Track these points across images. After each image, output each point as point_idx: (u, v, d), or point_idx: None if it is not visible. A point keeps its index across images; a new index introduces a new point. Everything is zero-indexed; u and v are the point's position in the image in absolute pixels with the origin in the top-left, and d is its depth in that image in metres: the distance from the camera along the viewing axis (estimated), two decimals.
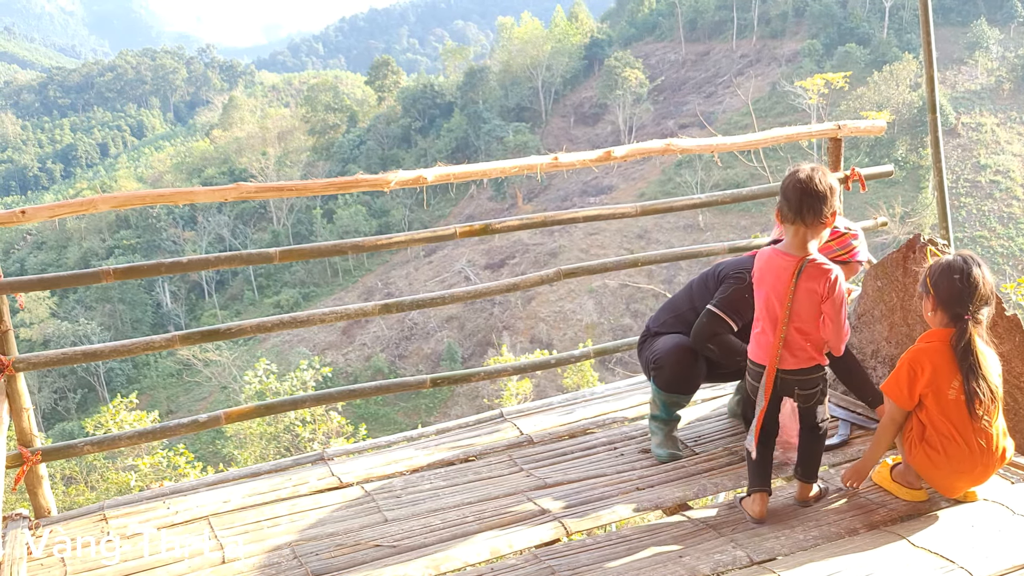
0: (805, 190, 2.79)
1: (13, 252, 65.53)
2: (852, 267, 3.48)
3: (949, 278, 2.81)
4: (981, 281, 2.77)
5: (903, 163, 47.78)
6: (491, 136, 65.17)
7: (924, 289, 2.90)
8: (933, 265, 2.90)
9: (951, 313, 2.82)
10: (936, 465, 2.85)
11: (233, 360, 39.11)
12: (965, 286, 2.78)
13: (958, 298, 2.79)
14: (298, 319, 4.03)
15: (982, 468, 2.84)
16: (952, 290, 2.79)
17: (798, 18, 68.07)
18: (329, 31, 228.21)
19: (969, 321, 2.78)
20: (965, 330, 2.78)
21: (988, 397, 2.77)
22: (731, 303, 3.32)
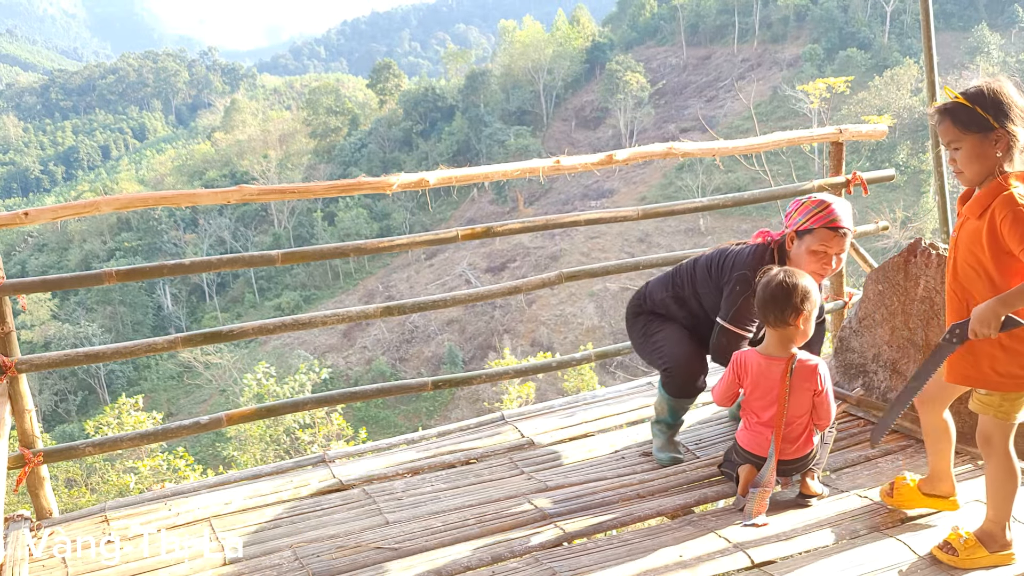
0: (788, 294, 2.89)
1: (14, 254, 65.56)
2: (831, 236, 3.17)
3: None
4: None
5: (904, 167, 47.77)
6: (492, 139, 65.19)
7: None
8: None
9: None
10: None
11: (234, 363, 39.13)
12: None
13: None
14: (299, 321, 4.04)
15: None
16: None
17: (799, 22, 68.15)
18: (331, 34, 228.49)
19: None
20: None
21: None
22: (742, 315, 3.29)
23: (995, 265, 2.42)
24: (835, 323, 4.84)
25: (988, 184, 2.46)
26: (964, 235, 2.52)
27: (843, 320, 4.40)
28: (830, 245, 3.15)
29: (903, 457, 3.39)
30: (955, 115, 2.44)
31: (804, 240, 3.19)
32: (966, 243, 2.50)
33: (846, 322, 4.02)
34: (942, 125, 2.48)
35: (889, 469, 3.29)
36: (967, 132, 2.44)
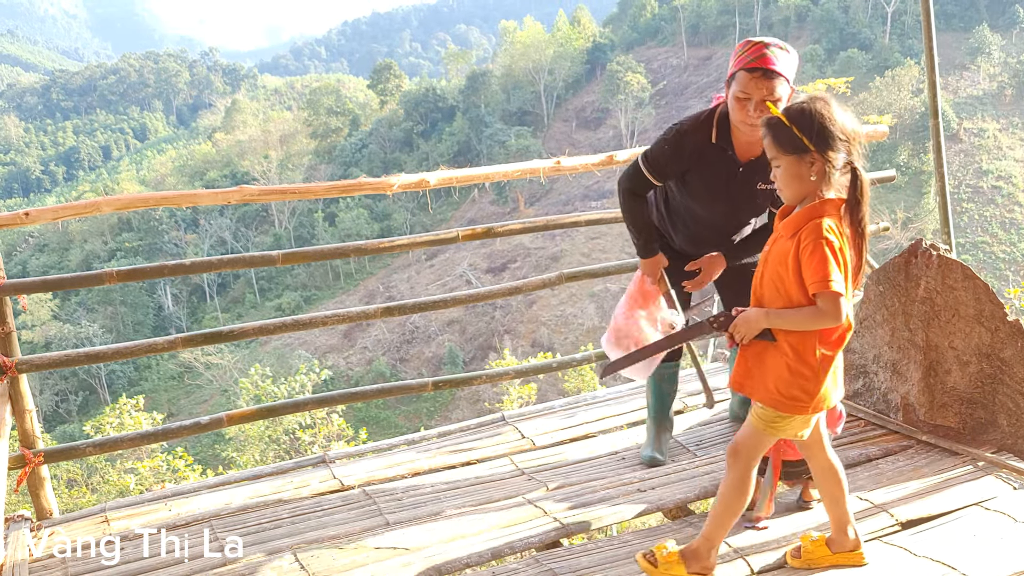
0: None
1: (15, 254, 65.61)
2: (747, 78, 2.92)
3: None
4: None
5: (905, 168, 47.76)
6: (493, 140, 65.21)
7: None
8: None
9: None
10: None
11: (234, 363, 39.15)
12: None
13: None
14: (300, 322, 4.04)
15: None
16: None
17: (800, 23, 68.14)
18: (331, 35, 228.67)
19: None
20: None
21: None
22: (655, 157, 3.18)
23: (797, 288, 2.40)
24: None
25: (805, 207, 2.43)
26: (774, 252, 2.48)
27: None
28: (748, 89, 2.90)
29: (903, 458, 3.39)
30: (776, 132, 2.41)
31: (731, 87, 2.99)
32: (774, 261, 2.47)
33: None
34: (765, 140, 2.45)
35: (890, 470, 3.29)
36: (784, 152, 2.40)
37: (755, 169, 3.06)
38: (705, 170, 3.14)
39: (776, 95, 2.90)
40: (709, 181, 3.16)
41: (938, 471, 3.24)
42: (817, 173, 2.39)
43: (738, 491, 2.55)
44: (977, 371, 3.40)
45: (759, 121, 2.81)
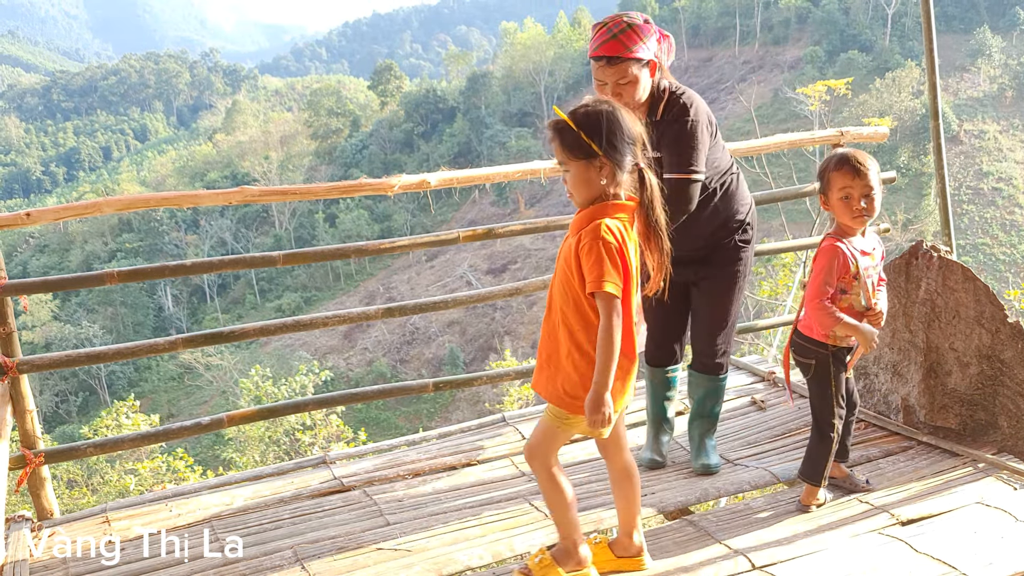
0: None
1: (16, 255, 65.64)
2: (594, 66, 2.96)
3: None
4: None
5: (905, 170, 47.78)
6: (493, 141, 65.26)
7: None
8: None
9: None
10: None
11: (235, 364, 39.13)
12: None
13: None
14: (300, 322, 4.04)
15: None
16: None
17: (800, 25, 68.18)
18: (332, 36, 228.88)
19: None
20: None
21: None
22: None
23: (582, 287, 2.39)
24: None
25: (589, 208, 2.43)
26: (563, 252, 2.48)
27: None
28: (600, 76, 3.00)
29: (904, 459, 3.39)
30: (563, 137, 2.39)
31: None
32: (563, 261, 2.47)
33: None
34: (552, 144, 2.42)
35: (890, 471, 3.29)
36: (573, 156, 2.40)
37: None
38: None
39: (628, 77, 2.92)
40: None
41: (938, 472, 3.24)
42: (606, 177, 2.39)
43: (553, 487, 2.55)
44: (978, 373, 3.40)
45: (619, 103, 2.83)
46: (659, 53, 3.02)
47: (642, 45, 2.92)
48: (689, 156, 3.01)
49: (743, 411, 4.05)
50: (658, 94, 3.07)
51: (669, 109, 3.06)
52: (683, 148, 3.02)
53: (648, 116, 3.05)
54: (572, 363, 2.45)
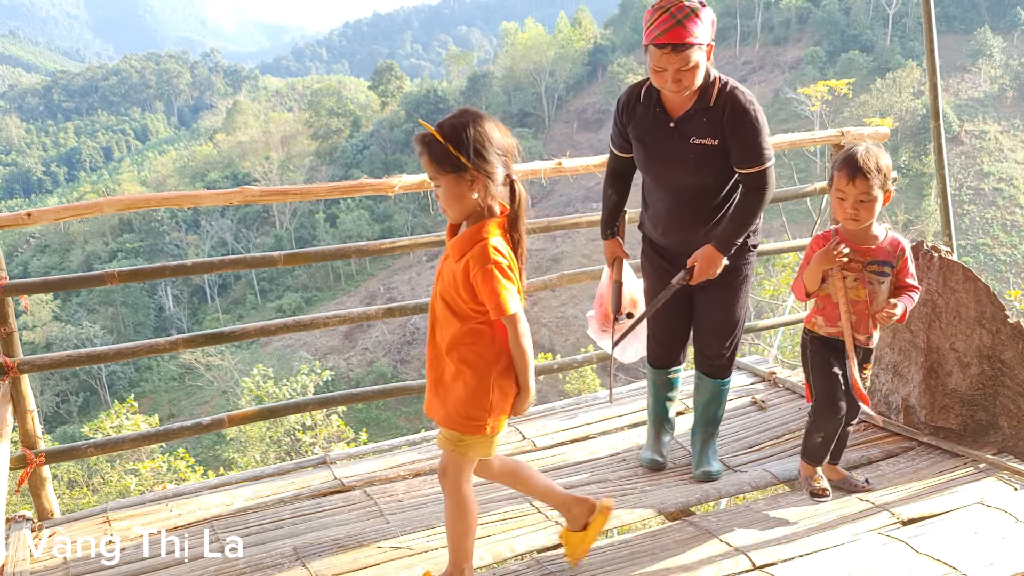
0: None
1: (17, 255, 65.65)
2: (656, 54, 2.88)
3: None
4: None
5: (906, 170, 47.77)
6: None
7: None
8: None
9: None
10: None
11: (235, 364, 39.13)
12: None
13: None
14: (301, 323, 4.04)
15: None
16: None
17: (801, 25, 68.16)
18: (333, 36, 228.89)
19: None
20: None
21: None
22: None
23: (468, 309, 2.37)
24: None
25: (470, 228, 2.38)
26: (445, 271, 2.43)
27: None
28: (661, 64, 2.86)
29: (904, 459, 3.39)
30: (431, 150, 2.32)
31: (648, 57, 2.94)
32: (447, 280, 2.42)
33: None
34: (422, 159, 2.36)
35: (891, 472, 3.29)
36: (443, 171, 2.33)
37: (688, 123, 3.01)
38: (640, 128, 3.14)
39: (691, 64, 2.84)
40: (645, 139, 3.13)
41: (939, 472, 3.24)
42: (479, 190, 2.34)
43: (458, 510, 2.52)
44: (978, 373, 3.40)
45: (678, 89, 2.90)
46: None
47: (703, 28, 2.84)
48: (761, 145, 2.98)
49: (743, 411, 4.05)
50: (708, 82, 2.99)
51: (723, 98, 2.98)
52: (755, 139, 2.98)
53: (698, 103, 2.99)
54: (463, 382, 2.41)
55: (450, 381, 2.45)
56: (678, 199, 3.16)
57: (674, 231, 3.22)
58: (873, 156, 2.77)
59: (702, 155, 3.01)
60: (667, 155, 3.08)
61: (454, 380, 2.44)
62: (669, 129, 3.04)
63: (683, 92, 2.93)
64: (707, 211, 3.14)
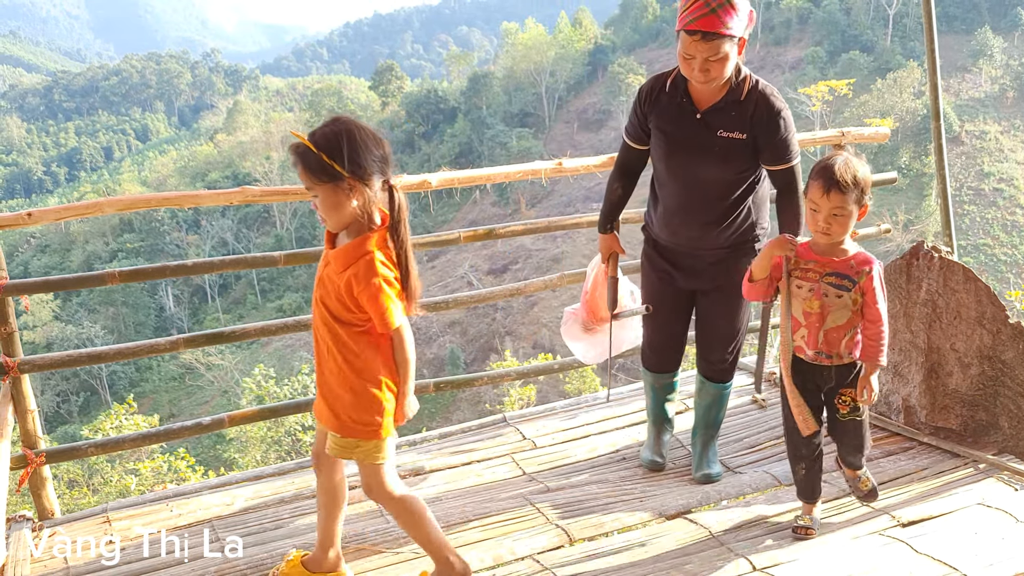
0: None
1: (17, 255, 65.63)
2: (687, 40, 2.84)
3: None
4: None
5: (906, 170, 47.73)
6: (494, 142, 65.22)
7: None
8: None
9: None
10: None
11: (236, 364, 39.14)
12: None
13: None
14: (302, 323, 4.03)
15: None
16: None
17: (802, 25, 68.13)
18: (333, 36, 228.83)
19: None
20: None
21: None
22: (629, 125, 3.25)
23: (350, 317, 2.36)
24: None
25: (352, 240, 2.36)
26: (327, 278, 2.41)
27: None
28: (691, 51, 2.82)
29: (905, 459, 3.39)
30: (305, 160, 2.27)
31: (678, 44, 2.89)
32: (327, 287, 2.40)
33: None
34: (296, 169, 2.30)
35: (891, 469, 3.29)
36: (319, 181, 2.28)
37: (715, 116, 2.98)
38: (663, 118, 3.08)
39: (720, 54, 2.79)
40: (667, 129, 3.07)
41: (939, 473, 3.24)
42: (357, 198, 2.30)
43: (406, 514, 2.51)
44: (979, 373, 3.40)
45: (705, 80, 2.86)
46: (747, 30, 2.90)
47: (737, 21, 2.80)
48: (791, 143, 3.02)
49: (744, 410, 4.05)
50: (739, 78, 2.97)
51: (755, 95, 2.97)
52: (786, 137, 3.00)
53: (728, 96, 2.96)
54: (350, 387, 2.40)
55: (337, 386, 2.42)
56: (692, 195, 3.10)
57: (684, 230, 3.17)
58: (851, 169, 2.61)
59: (727, 148, 2.98)
60: (691, 146, 3.03)
61: (341, 385, 2.41)
62: (696, 120, 3.00)
63: (710, 83, 2.89)
64: (720, 210, 3.09)
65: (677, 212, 3.16)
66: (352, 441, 2.43)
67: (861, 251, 2.72)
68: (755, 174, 3.08)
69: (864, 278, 2.68)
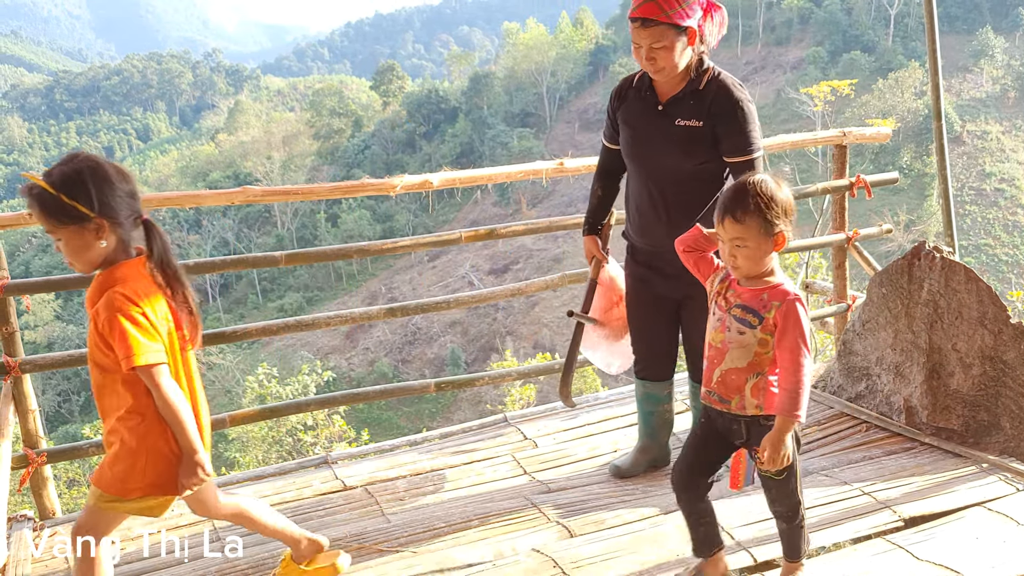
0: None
1: (18, 254, 65.67)
2: (632, 28, 2.88)
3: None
4: None
5: (908, 171, 47.72)
6: (496, 142, 65.26)
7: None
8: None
9: None
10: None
11: (236, 364, 39.16)
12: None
13: None
14: (303, 323, 4.04)
15: None
16: None
17: (803, 25, 68.14)
18: (334, 36, 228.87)
19: None
20: None
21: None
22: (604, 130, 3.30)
23: (114, 363, 2.16)
24: (838, 326, 4.84)
25: (99, 275, 2.21)
26: (90, 324, 2.19)
27: (846, 323, 4.40)
28: (635, 39, 2.88)
29: (906, 459, 3.38)
30: (43, 204, 2.11)
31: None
32: (89, 337, 2.21)
33: (849, 325, 4.02)
34: (32, 212, 2.14)
35: (893, 467, 3.28)
36: (61, 223, 2.11)
37: (675, 106, 3.00)
38: (629, 112, 3.13)
39: (663, 42, 2.82)
40: (632, 123, 3.11)
41: (941, 474, 3.23)
42: (107, 238, 2.16)
43: (87, 570, 2.33)
44: (980, 374, 3.39)
45: (653, 69, 2.89)
46: (704, 25, 2.92)
47: (681, 11, 2.81)
48: (750, 135, 2.96)
49: None
50: (699, 70, 2.98)
51: (713, 84, 2.97)
52: (744, 127, 2.96)
53: (688, 86, 2.98)
54: (117, 438, 2.23)
55: (107, 435, 2.27)
56: (656, 189, 3.11)
57: (652, 228, 3.17)
58: (755, 197, 2.20)
59: (684, 137, 2.99)
60: (652, 137, 3.07)
61: (109, 435, 2.26)
62: (657, 112, 3.04)
63: (659, 73, 2.93)
64: (685, 206, 3.05)
65: (644, 209, 3.18)
66: (107, 495, 2.26)
67: (782, 284, 2.29)
68: (717, 168, 3.04)
69: (773, 314, 2.26)
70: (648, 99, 3.06)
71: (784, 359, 2.25)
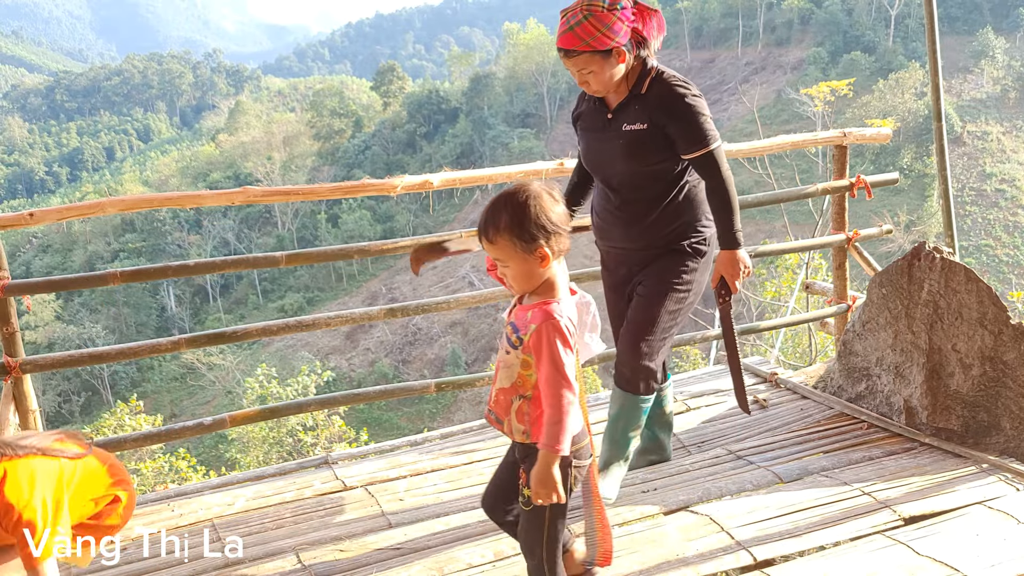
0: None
1: (19, 255, 65.74)
2: (561, 57, 2.93)
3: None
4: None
5: (908, 171, 47.75)
6: (496, 142, 65.32)
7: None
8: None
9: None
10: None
11: (237, 364, 39.20)
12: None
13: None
14: (303, 323, 4.04)
15: None
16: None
17: (803, 26, 68.19)
18: (335, 36, 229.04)
19: None
20: None
21: None
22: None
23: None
24: (838, 326, 4.84)
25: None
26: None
27: (847, 324, 4.40)
28: (565, 65, 2.95)
29: (906, 459, 3.39)
30: None
31: None
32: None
33: (849, 326, 4.02)
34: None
35: (893, 466, 3.28)
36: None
37: (622, 113, 3.02)
38: (584, 123, 3.19)
39: (589, 68, 2.86)
40: (587, 130, 3.17)
41: (941, 473, 3.23)
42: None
43: None
44: (980, 374, 3.39)
45: (590, 91, 2.98)
46: (645, 29, 2.91)
47: (601, 36, 2.81)
48: (702, 127, 2.93)
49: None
50: (643, 71, 2.99)
51: (655, 86, 2.97)
52: (693, 120, 2.94)
53: (631, 93, 2.99)
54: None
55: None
56: (611, 194, 3.14)
57: (610, 230, 3.20)
58: (506, 214, 2.07)
59: (632, 141, 3.00)
60: (603, 145, 3.11)
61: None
62: (607, 120, 3.08)
63: (596, 92, 2.99)
64: (638, 209, 3.06)
65: (601, 213, 3.23)
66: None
67: (547, 305, 2.11)
68: (672, 167, 3.04)
69: (529, 337, 2.11)
70: (599, 109, 3.11)
71: (542, 389, 2.09)
